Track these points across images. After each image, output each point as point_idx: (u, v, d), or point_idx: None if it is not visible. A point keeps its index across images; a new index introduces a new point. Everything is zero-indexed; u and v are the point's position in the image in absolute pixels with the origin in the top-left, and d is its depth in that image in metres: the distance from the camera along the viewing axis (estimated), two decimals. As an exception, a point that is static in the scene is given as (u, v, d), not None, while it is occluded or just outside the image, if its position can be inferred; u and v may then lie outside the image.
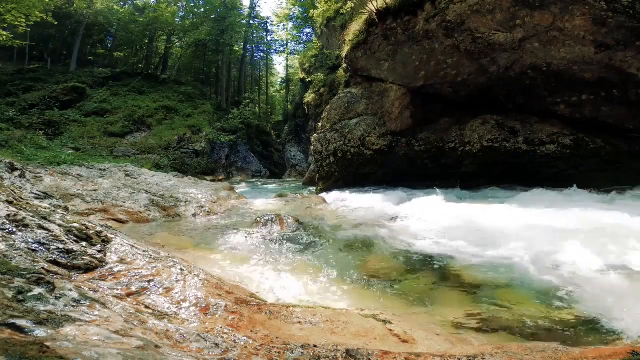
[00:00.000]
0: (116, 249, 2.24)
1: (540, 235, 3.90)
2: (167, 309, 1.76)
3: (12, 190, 2.51)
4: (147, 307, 1.70)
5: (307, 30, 29.87)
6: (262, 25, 36.41)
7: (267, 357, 1.37)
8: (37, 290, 1.32)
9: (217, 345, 1.38)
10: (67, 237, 2.02)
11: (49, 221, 2.08)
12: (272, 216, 5.07)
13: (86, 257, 1.95)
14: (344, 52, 10.57)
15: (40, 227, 1.95)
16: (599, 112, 6.91)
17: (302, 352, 1.43)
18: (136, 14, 27.08)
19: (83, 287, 1.64)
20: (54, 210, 2.34)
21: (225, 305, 1.91)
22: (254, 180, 20.41)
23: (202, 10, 28.09)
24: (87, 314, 1.34)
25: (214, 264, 3.28)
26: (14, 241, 1.72)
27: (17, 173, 5.27)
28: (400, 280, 3.18)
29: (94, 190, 6.03)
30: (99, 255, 2.05)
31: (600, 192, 6.02)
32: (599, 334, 2.17)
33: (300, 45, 32.26)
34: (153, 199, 6.26)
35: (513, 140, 7.69)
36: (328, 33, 17.07)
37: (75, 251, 1.94)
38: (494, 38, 6.83)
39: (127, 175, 8.20)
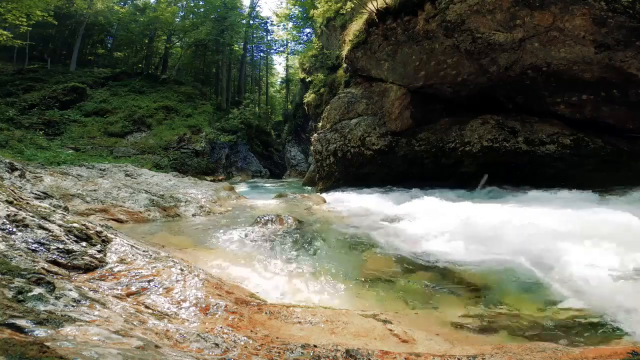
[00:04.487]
0: (116, 249, 2.24)
1: (540, 235, 3.89)
2: (167, 309, 1.76)
3: (12, 190, 2.51)
4: (147, 307, 1.70)
5: (307, 30, 29.85)
6: (262, 25, 36.41)
7: (267, 357, 1.37)
8: (37, 290, 1.32)
9: (217, 345, 1.38)
10: (67, 237, 2.02)
11: (49, 221, 2.08)
12: (272, 216, 5.07)
13: (86, 257, 1.95)
14: (344, 52, 10.57)
15: (40, 227, 1.95)
16: (599, 112, 6.91)
17: (302, 352, 1.43)
18: (136, 13, 27.06)
19: (83, 287, 1.64)
20: (54, 210, 2.34)
21: (225, 305, 1.91)
22: (254, 180, 20.40)
23: (202, 10, 28.06)
24: (87, 314, 1.34)
25: (214, 264, 3.28)
26: (14, 241, 1.72)
27: (17, 173, 5.27)
28: (400, 280, 3.17)
29: (94, 190, 6.03)
30: (99, 255, 2.05)
31: (600, 192, 6.01)
32: (599, 334, 2.17)
33: (300, 45, 32.23)
34: (153, 199, 6.26)
35: (513, 140, 7.69)
36: (328, 33, 17.07)
37: (75, 251, 1.94)
38: (494, 38, 6.83)
39: (127, 175, 8.21)
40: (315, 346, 1.48)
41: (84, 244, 2.08)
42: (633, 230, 3.68)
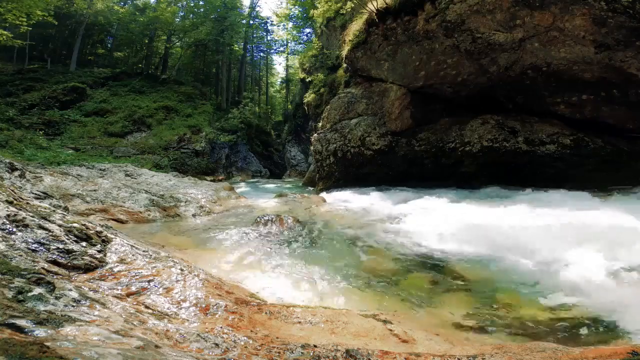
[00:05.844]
0: (116, 249, 2.24)
1: (539, 235, 3.89)
2: (167, 309, 1.76)
3: (12, 190, 2.51)
4: (147, 307, 1.70)
5: (307, 30, 29.82)
6: (262, 25, 36.38)
7: (267, 357, 1.37)
8: (37, 290, 1.32)
9: (217, 345, 1.38)
10: (67, 237, 2.02)
11: (49, 221, 2.08)
12: (272, 216, 5.07)
13: (86, 257, 1.95)
14: (344, 52, 10.57)
15: (40, 227, 1.95)
16: (599, 112, 6.91)
17: (302, 352, 1.43)
18: (136, 13, 27.05)
19: (83, 287, 1.64)
20: (54, 210, 2.34)
21: (225, 305, 1.91)
22: (254, 180, 20.39)
23: (202, 10, 28.06)
24: (87, 314, 1.34)
25: (214, 264, 3.28)
26: (14, 241, 1.72)
27: (17, 173, 5.27)
28: (400, 280, 3.17)
29: (94, 190, 6.03)
30: (99, 255, 2.05)
31: (600, 192, 6.01)
32: (599, 334, 2.17)
33: (300, 45, 32.21)
34: (153, 199, 6.26)
35: (513, 140, 7.69)
36: (328, 33, 17.06)
37: (75, 251, 1.94)
38: (494, 38, 6.83)
39: (127, 175, 8.21)
40: (315, 346, 1.48)
41: (84, 244, 2.08)
42: (632, 230, 3.68)
